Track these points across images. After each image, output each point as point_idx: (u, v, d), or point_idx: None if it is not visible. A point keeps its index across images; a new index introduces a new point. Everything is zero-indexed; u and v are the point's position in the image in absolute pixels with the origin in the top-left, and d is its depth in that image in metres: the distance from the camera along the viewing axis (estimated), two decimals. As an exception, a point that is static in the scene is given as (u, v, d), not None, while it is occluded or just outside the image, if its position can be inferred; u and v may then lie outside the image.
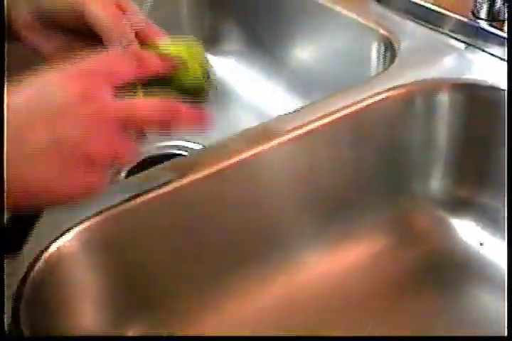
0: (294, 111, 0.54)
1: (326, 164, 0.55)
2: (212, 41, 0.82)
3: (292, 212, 0.55)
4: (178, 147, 0.73)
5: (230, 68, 0.81)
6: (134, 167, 0.70)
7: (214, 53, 0.82)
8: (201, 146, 0.72)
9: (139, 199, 0.47)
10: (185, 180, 0.48)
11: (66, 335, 0.45)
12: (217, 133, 0.73)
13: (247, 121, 0.76)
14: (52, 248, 0.43)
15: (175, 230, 0.50)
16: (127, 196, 0.47)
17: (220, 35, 0.82)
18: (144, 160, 0.71)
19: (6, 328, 0.39)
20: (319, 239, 0.57)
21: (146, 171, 0.50)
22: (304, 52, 0.76)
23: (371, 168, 0.57)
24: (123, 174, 0.70)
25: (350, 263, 0.58)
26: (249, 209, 0.53)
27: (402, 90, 0.55)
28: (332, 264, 0.58)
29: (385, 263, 0.58)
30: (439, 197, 0.60)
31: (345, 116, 0.53)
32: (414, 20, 0.64)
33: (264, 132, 0.53)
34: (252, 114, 0.77)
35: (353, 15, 0.67)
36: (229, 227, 0.53)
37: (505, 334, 0.43)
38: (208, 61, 0.46)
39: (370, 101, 0.54)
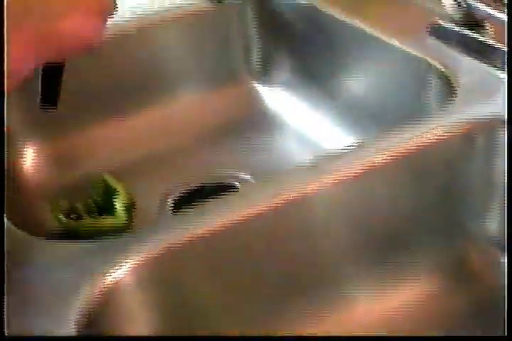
0: (350, 147, 0.54)
1: (381, 203, 0.54)
2: (262, 71, 0.82)
3: (344, 250, 0.55)
4: (227, 176, 0.73)
5: (279, 99, 0.81)
6: (184, 196, 0.70)
7: (264, 83, 0.82)
8: (250, 176, 0.71)
9: (192, 236, 0.46)
10: (238, 216, 0.48)
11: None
12: (267, 164, 0.73)
13: (297, 154, 0.75)
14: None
15: (225, 266, 0.50)
16: (181, 232, 0.47)
17: (270, 65, 0.81)
18: (194, 190, 0.71)
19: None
20: (371, 280, 0.56)
21: (199, 206, 0.50)
22: (357, 85, 0.75)
23: (428, 207, 0.55)
24: (171, 202, 0.69)
25: (400, 305, 0.57)
26: (299, 245, 0.52)
27: (461, 127, 0.54)
28: (383, 305, 0.57)
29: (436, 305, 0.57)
30: (497, 237, 0.58)
31: (402, 153, 0.52)
32: (470, 55, 0.63)
33: (318, 168, 0.52)
34: (302, 146, 0.76)
35: (409, 49, 0.66)
36: (278, 262, 0.52)
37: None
38: None
39: (429, 137, 0.53)
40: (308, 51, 0.77)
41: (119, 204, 0.62)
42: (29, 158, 0.73)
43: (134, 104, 0.78)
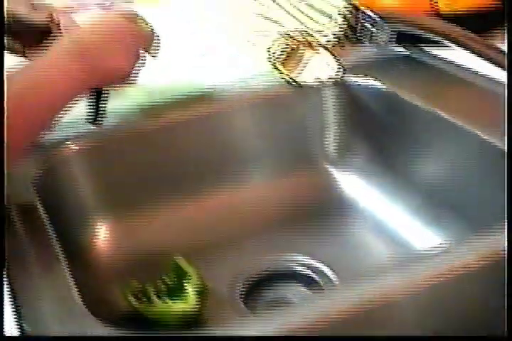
0: (439, 247, 0.51)
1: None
2: (338, 156, 0.81)
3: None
4: (299, 262, 0.71)
5: (354, 185, 0.79)
6: (254, 282, 0.68)
7: (339, 168, 0.81)
8: (322, 263, 0.69)
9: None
10: (322, 318, 0.46)
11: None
12: (339, 252, 0.71)
13: (372, 242, 0.73)
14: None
15: None
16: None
17: (346, 150, 0.81)
18: (264, 275, 0.69)
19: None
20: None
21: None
22: (433, 171, 0.74)
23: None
24: (241, 288, 0.68)
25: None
26: None
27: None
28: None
29: None
30: None
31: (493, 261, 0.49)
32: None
33: (405, 269, 0.49)
34: (377, 234, 0.74)
35: (487, 137, 0.64)
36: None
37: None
38: None
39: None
40: (385, 137, 0.76)
41: (190, 289, 0.61)
42: (102, 237, 0.73)
43: (207, 185, 0.78)
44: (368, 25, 0.79)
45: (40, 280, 0.51)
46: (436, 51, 0.80)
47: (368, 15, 0.79)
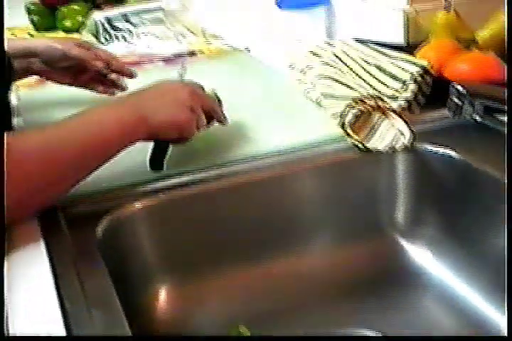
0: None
1: None
2: (406, 225, 0.79)
3: None
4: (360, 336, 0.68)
5: (422, 256, 0.76)
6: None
7: (407, 238, 0.78)
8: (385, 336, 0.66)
9: None
10: None
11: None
12: (403, 324, 0.68)
13: (437, 314, 0.70)
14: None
15: None
16: None
17: (415, 219, 0.78)
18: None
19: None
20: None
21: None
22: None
23: None
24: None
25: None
26: None
27: None
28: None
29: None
30: None
31: None
32: None
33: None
34: (442, 306, 0.71)
35: None
36: None
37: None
38: None
39: None
40: (456, 207, 0.74)
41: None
42: (163, 301, 0.72)
43: (269, 251, 0.76)
44: (455, 99, 0.78)
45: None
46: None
47: (456, 89, 0.78)
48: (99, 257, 0.61)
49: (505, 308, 0.43)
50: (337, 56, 0.91)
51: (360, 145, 0.76)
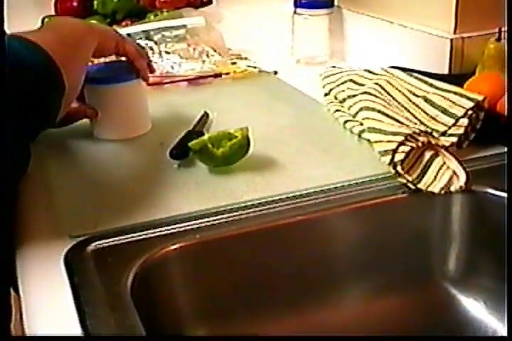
0: None
1: None
2: (459, 274, 0.73)
3: None
4: None
5: (474, 305, 0.71)
6: None
7: (458, 286, 0.72)
8: None
9: None
10: None
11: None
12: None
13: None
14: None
15: None
16: None
17: (470, 268, 0.72)
18: None
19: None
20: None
21: None
22: None
23: None
24: None
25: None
26: None
27: None
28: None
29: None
30: None
31: None
32: None
33: None
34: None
35: None
36: None
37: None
38: None
39: None
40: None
41: None
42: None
43: (306, 298, 0.70)
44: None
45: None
46: None
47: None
48: (131, 302, 0.56)
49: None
50: (380, 85, 0.85)
51: (410, 186, 0.71)
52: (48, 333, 0.53)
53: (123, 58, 0.87)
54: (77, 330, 0.53)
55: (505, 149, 0.77)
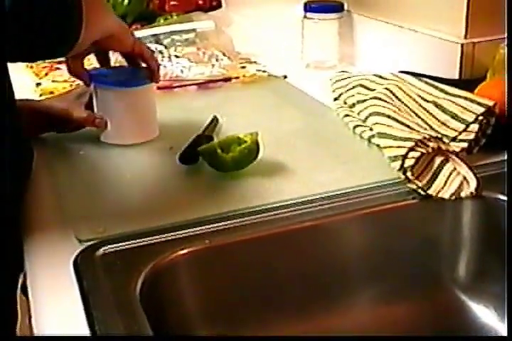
0: None
1: None
2: (468, 281, 0.72)
3: None
4: None
5: (485, 312, 0.70)
6: None
7: (469, 293, 0.72)
8: None
9: None
10: None
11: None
12: None
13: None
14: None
15: None
16: None
17: (480, 275, 0.72)
18: None
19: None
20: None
21: None
22: None
23: None
24: None
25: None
26: None
27: None
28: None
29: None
30: None
31: None
32: None
33: None
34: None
35: None
36: None
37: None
38: None
39: None
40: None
41: None
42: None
43: (316, 304, 0.70)
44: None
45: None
46: None
47: None
48: (140, 307, 0.56)
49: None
50: (390, 90, 0.85)
51: (420, 191, 0.70)
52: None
53: (125, 64, 0.88)
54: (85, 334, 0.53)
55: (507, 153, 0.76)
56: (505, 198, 0.69)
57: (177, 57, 1.22)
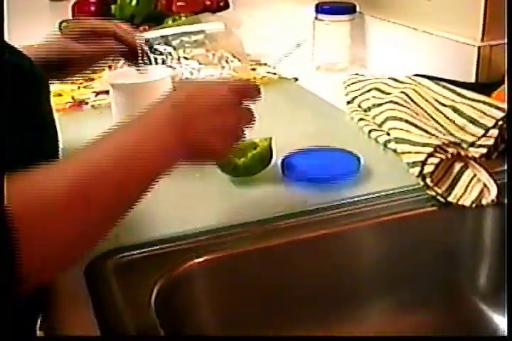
0: None
1: None
2: (490, 292, 0.71)
3: None
4: None
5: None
6: None
7: (489, 303, 0.70)
8: None
9: None
10: None
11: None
12: None
13: None
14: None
15: None
16: None
17: (499, 282, 0.70)
18: None
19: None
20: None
21: None
22: None
23: None
24: None
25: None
26: None
27: None
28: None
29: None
30: None
31: None
32: None
33: None
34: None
35: None
36: None
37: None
38: None
39: None
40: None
41: None
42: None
43: (330, 313, 0.68)
44: None
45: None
46: None
47: None
48: (154, 316, 0.55)
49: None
50: (407, 94, 0.83)
51: (440, 198, 0.69)
52: None
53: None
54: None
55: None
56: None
57: (186, 58, 1.21)
